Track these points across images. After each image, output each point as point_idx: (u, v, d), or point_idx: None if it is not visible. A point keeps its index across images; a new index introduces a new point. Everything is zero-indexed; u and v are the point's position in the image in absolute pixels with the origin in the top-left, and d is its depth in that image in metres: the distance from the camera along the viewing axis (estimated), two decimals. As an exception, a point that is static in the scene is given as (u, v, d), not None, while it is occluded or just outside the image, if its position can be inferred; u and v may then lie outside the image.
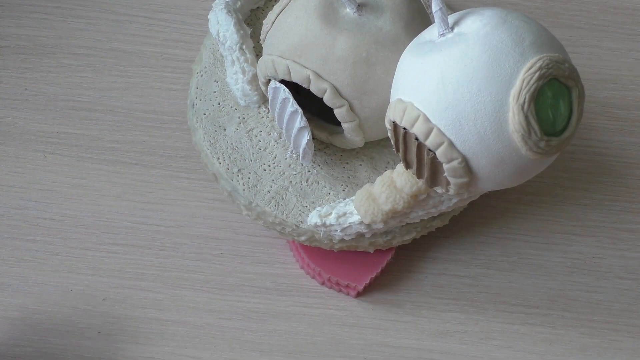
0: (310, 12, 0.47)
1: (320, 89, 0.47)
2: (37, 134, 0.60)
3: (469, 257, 0.57)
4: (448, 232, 0.57)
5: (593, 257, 0.58)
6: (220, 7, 0.53)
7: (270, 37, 0.49)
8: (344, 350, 0.54)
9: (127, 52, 0.63)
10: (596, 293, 0.57)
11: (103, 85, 0.62)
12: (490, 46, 0.39)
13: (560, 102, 0.40)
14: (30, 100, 0.61)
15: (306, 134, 0.48)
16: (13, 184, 0.59)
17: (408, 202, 0.46)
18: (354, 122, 0.48)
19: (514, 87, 0.39)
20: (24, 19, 0.64)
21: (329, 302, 0.56)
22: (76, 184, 0.59)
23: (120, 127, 0.61)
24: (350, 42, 0.46)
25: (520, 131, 0.39)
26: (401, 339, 0.55)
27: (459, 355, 0.55)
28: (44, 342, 0.54)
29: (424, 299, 0.56)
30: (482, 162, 0.41)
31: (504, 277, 0.57)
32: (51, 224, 0.57)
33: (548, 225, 0.59)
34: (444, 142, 0.40)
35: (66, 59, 0.63)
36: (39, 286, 0.56)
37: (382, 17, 0.47)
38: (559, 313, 0.56)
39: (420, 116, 0.40)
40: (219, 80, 0.54)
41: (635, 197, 0.60)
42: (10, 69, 0.62)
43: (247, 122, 0.53)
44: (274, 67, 0.48)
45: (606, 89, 0.64)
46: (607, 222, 0.59)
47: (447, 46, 0.41)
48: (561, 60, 0.40)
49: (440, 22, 0.41)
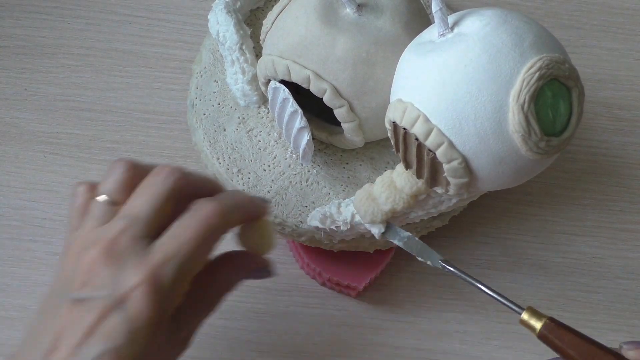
0: (310, 12, 0.47)
1: (320, 89, 0.47)
2: (37, 134, 0.60)
3: (469, 257, 0.57)
4: (448, 232, 0.57)
5: (593, 258, 0.58)
6: (220, 8, 0.53)
7: (270, 37, 0.49)
8: (344, 350, 0.54)
9: (127, 52, 0.63)
10: (596, 293, 0.57)
11: (103, 86, 0.62)
12: (490, 46, 0.39)
13: (560, 103, 0.40)
14: (30, 100, 0.61)
15: (306, 134, 0.48)
16: (13, 184, 0.59)
17: (408, 202, 0.46)
18: (353, 123, 0.48)
19: (514, 87, 0.39)
20: (23, 19, 0.64)
21: (328, 302, 0.56)
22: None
23: (120, 127, 0.61)
24: (350, 43, 0.46)
25: (520, 131, 0.39)
26: (401, 339, 0.55)
27: (459, 355, 0.55)
28: (44, 343, 0.54)
29: (424, 299, 0.56)
30: (482, 162, 0.41)
31: (504, 277, 0.57)
32: (51, 224, 0.57)
33: (548, 226, 0.59)
34: (444, 142, 0.40)
35: (66, 59, 0.63)
36: (39, 286, 0.56)
37: (382, 17, 0.47)
38: (558, 313, 0.56)
39: (420, 116, 0.40)
40: (218, 80, 0.54)
41: (635, 197, 0.60)
42: (10, 69, 0.62)
43: (247, 123, 0.53)
44: (274, 68, 0.48)
45: (606, 89, 0.64)
46: (606, 223, 0.59)
47: (447, 46, 0.41)
48: (561, 60, 0.40)
49: (440, 22, 0.41)
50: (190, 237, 0.39)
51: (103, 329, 0.37)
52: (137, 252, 0.39)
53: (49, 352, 0.37)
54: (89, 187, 0.42)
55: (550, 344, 0.41)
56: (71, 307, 0.38)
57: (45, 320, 0.39)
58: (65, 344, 0.37)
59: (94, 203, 0.41)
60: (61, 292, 0.39)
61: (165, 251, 0.39)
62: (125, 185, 0.41)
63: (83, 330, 0.37)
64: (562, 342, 0.41)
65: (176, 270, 0.39)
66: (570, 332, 0.41)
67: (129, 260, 0.38)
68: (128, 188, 0.41)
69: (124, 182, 0.41)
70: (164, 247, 0.39)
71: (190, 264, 0.40)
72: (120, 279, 0.38)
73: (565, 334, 0.41)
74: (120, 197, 0.41)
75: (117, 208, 0.41)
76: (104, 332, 0.37)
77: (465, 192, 0.43)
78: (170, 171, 0.41)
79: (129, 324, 0.37)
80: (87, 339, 0.37)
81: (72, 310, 0.38)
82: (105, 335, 0.37)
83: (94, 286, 0.38)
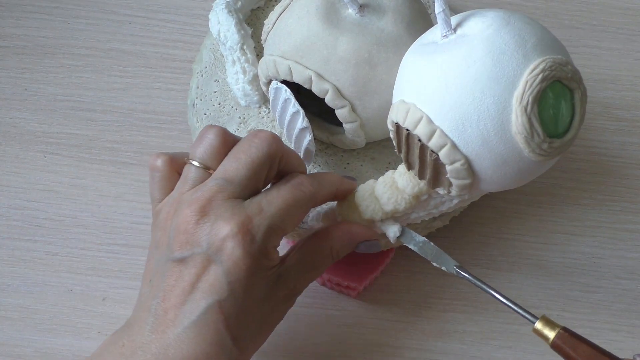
0: (312, 12, 0.47)
1: (322, 89, 0.47)
2: (37, 135, 0.60)
3: (469, 258, 0.57)
4: (448, 233, 0.57)
5: (593, 258, 0.58)
6: (221, 7, 0.53)
7: (272, 37, 0.49)
8: (344, 350, 0.54)
9: (127, 52, 0.63)
10: (596, 293, 0.57)
11: (103, 86, 0.62)
12: (493, 48, 0.39)
13: (563, 104, 0.40)
14: (30, 100, 0.61)
15: (308, 135, 0.48)
16: (13, 184, 0.58)
17: (410, 203, 0.46)
18: (355, 123, 0.48)
19: (517, 89, 0.39)
20: (24, 19, 0.64)
21: (329, 302, 0.56)
22: (76, 184, 0.59)
23: (120, 127, 0.61)
24: (352, 43, 0.46)
25: (523, 133, 0.39)
26: (401, 339, 0.55)
27: (459, 356, 0.55)
28: (44, 342, 0.54)
29: (424, 300, 0.56)
30: (485, 163, 0.41)
31: (504, 277, 0.57)
32: (51, 224, 0.57)
33: (548, 226, 0.59)
34: (447, 143, 0.40)
35: (66, 60, 0.63)
36: (39, 286, 0.55)
37: (384, 18, 0.47)
38: (558, 313, 0.56)
39: (424, 117, 0.40)
40: (219, 80, 0.54)
41: (635, 197, 0.60)
42: (10, 69, 0.62)
43: (247, 123, 0.53)
44: (276, 68, 0.48)
45: (606, 89, 0.64)
46: (606, 223, 0.59)
47: (450, 48, 0.41)
48: (564, 62, 0.40)
49: (443, 23, 0.41)
50: (283, 199, 0.41)
51: (205, 284, 0.40)
52: (232, 207, 0.40)
53: (158, 315, 0.40)
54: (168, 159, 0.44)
55: (563, 354, 0.41)
56: (174, 268, 0.40)
57: (153, 284, 0.41)
58: (173, 304, 0.39)
59: (188, 167, 0.43)
60: (163, 256, 0.41)
61: (258, 207, 0.41)
62: (217, 151, 0.43)
63: (187, 288, 0.39)
64: (576, 353, 0.41)
65: (267, 225, 0.40)
66: (584, 342, 0.41)
67: (223, 215, 0.40)
68: (219, 154, 0.43)
69: (215, 148, 0.43)
70: (257, 204, 0.41)
71: (281, 223, 0.41)
72: (214, 232, 0.40)
73: (578, 345, 0.41)
74: (212, 163, 0.43)
75: (210, 172, 0.43)
76: (206, 287, 0.39)
77: (467, 193, 0.43)
78: (266, 136, 0.43)
79: (227, 276, 0.39)
80: (192, 294, 0.39)
81: (175, 270, 0.40)
82: (208, 289, 0.39)
83: (192, 244, 0.40)
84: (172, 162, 0.44)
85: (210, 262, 0.40)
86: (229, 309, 0.40)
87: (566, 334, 0.41)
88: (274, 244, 0.42)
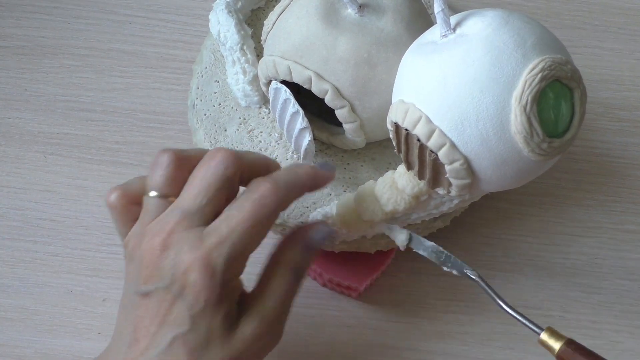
0: (311, 12, 0.47)
1: (322, 89, 0.47)
2: (37, 135, 0.60)
3: (470, 258, 0.57)
4: (449, 234, 0.57)
5: (594, 259, 0.58)
6: (221, 8, 0.53)
7: (272, 37, 0.49)
8: (345, 351, 0.54)
9: (127, 52, 0.63)
10: (597, 294, 0.57)
11: (103, 86, 0.62)
12: (493, 47, 0.39)
13: (563, 104, 0.40)
14: (31, 100, 0.61)
15: (307, 135, 0.47)
16: (13, 184, 0.58)
17: (410, 203, 0.46)
18: (355, 123, 0.48)
19: (516, 88, 0.39)
20: (24, 20, 0.64)
21: (329, 303, 0.56)
22: (76, 184, 0.59)
23: (121, 127, 0.61)
24: (351, 43, 0.46)
25: (522, 132, 0.39)
26: (402, 340, 0.55)
27: (460, 357, 0.55)
28: (44, 343, 0.54)
29: (425, 300, 0.56)
30: (484, 163, 0.41)
31: (505, 278, 0.57)
32: (51, 225, 0.57)
33: (549, 227, 0.59)
34: (446, 143, 0.40)
35: (66, 60, 0.63)
36: (39, 287, 0.55)
37: (383, 17, 0.47)
38: (560, 314, 0.56)
39: (423, 117, 0.40)
40: (219, 80, 0.54)
41: (637, 198, 0.60)
42: (10, 69, 0.62)
43: (247, 123, 0.52)
44: (275, 68, 0.48)
45: (608, 90, 0.64)
46: (608, 224, 0.59)
47: (450, 47, 0.40)
48: (563, 61, 0.40)
49: (442, 23, 0.41)
50: (243, 217, 0.40)
51: (170, 317, 0.40)
52: (192, 239, 0.40)
53: (130, 344, 0.40)
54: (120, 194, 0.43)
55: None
56: (141, 301, 0.40)
57: (124, 315, 0.42)
58: (143, 335, 0.40)
59: (147, 199, 0.42)
60: (132, 287, 0.41)
61: (219, 233, 0.40)
62: (172, 177, 0.42)
63: (155, 320, 0.40)
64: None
65: (229, 251, 0.40)
66: (589, 355, 0.41)
67: (183, 248, 0.40)
68: (175, 180, 0.42)
69: (170, 174, 0.42)
70: (217, 232, 0.40)
71: (244, 244, 0.41)
72: (177, 265, 0.40)
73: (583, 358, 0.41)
74: (170, 190, 0.42)
75: (171, 200, 0.42)
76: (170, 320, 0.40)
77: (467, 193, 0.43)
78: (221, 159, 0.42)
79: (189, 309, 0.40)
80: (160, 326, 0.40)
81: (143, 302, 0.40)
82: (172, 322, 0.40)
83: (156, 277, 0.40)
84: (126, 196, 0.43)
85: (174, 296, 0.40)
86: (192, 342, 0.40)
87: (571, 345, 0.41)
88: (236, 272, 0.41)
